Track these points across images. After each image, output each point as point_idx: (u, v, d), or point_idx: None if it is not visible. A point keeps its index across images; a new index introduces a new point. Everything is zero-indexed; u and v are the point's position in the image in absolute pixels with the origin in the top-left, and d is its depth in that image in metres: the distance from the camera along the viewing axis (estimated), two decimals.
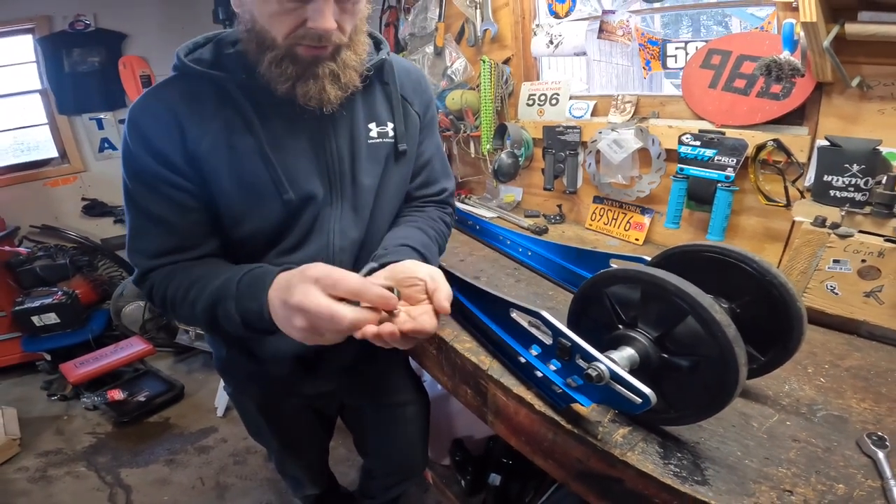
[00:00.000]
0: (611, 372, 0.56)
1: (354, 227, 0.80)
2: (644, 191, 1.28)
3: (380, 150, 0.80)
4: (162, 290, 0.73)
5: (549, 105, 1.52)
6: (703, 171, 1.15)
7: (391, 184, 0.84)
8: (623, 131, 1.29)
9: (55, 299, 2.39)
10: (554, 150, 1.45)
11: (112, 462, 1.99)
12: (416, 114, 0.86)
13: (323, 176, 0.76)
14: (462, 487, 1.54)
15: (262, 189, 0.73)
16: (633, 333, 0.61)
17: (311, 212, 0.76)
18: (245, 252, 0.79)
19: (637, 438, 0.65)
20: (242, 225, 0.76)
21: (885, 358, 0.80)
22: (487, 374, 0.80)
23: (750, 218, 1.16)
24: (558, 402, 0.69)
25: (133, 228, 0.75)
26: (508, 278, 1.11)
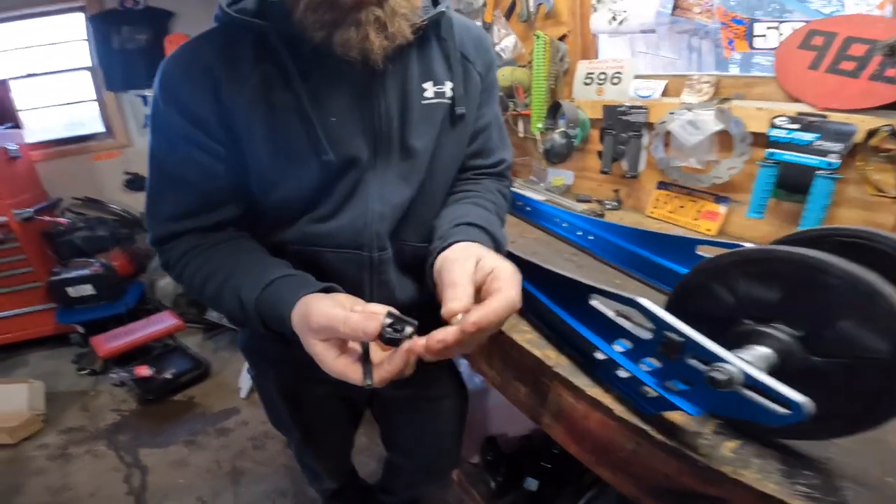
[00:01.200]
0: (745, 375, 0.42)
1: (398, 194, 0.69)
2: (721, 177, 1.12)
3: (435, 112, 0.69)
4: (178, 272, 0.67)
5: (611, 84, 1.37)
6: (798, 157, 0.98)
7: (446, 150, 0.72)
8: (701, 112, 1.12)
9: (92, 271, 2.36)
10: (615, 130, 1.30)
11: (132, 441, 1.94)
12: (478, 74, 0.74)
13: (368, 137, 0.65)
14: (490, 489, 1.41)
15: (299, 150, 0.63)
16: (768, 329, 0.46)
17: (352, 176, 0.66)
18: (275, 219, 0.69)
19: (750, 453, 0.51)
20: (276, 190, 0.66)
21: None
22: (553, 371, 0.66)
23: (850, 210, 0.99)
24: (647, 408, 0.55)
25: (153, 192, 0.67)
26: (566, 264, 0.97)
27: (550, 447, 1.32)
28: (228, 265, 0.64)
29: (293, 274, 0.62)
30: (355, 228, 0.67)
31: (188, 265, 0.66)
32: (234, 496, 1.67)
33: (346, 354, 0.52)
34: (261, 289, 0.59)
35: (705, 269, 0.52)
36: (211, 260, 0.65)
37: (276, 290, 0.59)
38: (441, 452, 1.11)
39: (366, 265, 0.69)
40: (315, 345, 0.51)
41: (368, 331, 0.47)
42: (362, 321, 0.47)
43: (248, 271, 0.63)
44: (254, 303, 0.59)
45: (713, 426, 0.55)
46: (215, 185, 0.66)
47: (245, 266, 0.64)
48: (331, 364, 0.51)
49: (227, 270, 0.64)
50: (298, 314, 0.54)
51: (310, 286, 0.58)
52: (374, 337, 0.47)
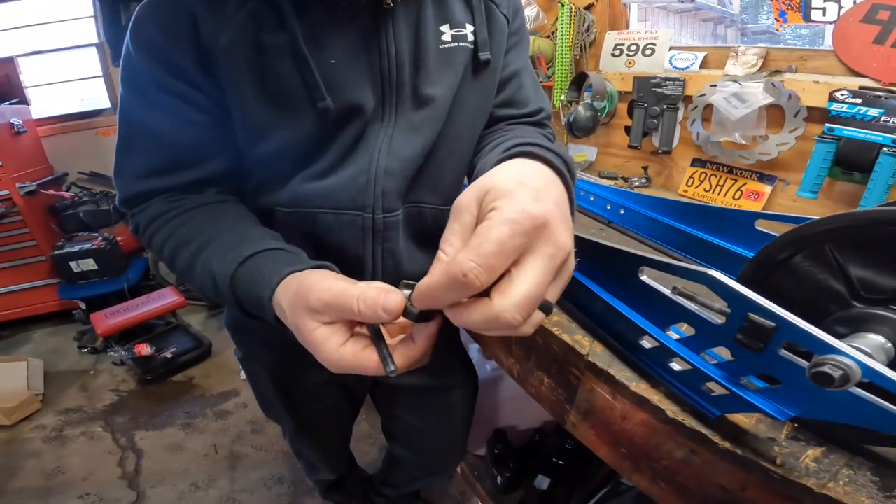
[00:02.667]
0: (867, 371, 0.31)
1: (409, 147, 0.58)
2: (769, 153, 1.00)
3: (455, 56, 0.58)
4: (148, 238, 0.57)
5: (642, 55, 1.24)
6: (861, 133, 0.86)
7: (470, 100, 0.61)
8: (748, 84, 1.00)
9: (94, 244, 2.28)
10: (646, 103, 1.18)
11: (129, 423, 1.86)
12: (504, 17, 0.63)
13: (375, 84, 0.55)
14: (497, 484, 1.30)
15: (291, 95, 0.53)
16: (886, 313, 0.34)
17: (355, 127, 0.56)
18: (264, 177, 0.60)
19: (838, 463, 0.41)
20: (266, 141, 0.56)
21: None
22: (587, 360, 0.55)
23: None
24: (710, 408, 0.44)
25: (121, 147, 0.57)
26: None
27: (563, 442, 1.22)
28: (204, 233, 0.53)
29: (280, 248, 0.50)
30: (357, 186, 0.57)
31: (158, 231, 0.56)
32: (230, 482, 1.59)
33: (354, 340, 0.39)
34: (237, 263, 0.48)
35: (793, 240, 0.41)
36: (184, 226, 0.55)
37: (256, 265, 0.48)
38: (447, 446, 1.01)
39: (368, 230, 0.58)
40: (314, 330, 0.39)
41: (389, 306, 0.34)
42: (381, 294, 0.35)
43: (225, 242, 0.52)
44: (228, 280, 0.48)
45: (788, 429, 0.44)
46: (192, 136, 0.56)
47: (223, 235, 0.53)
48: (336, 354, 0.38)
49: (201, 240, 0.53)
50: (290, 293, 0.42)
51: (299, 263, 0.46)
52: (397, 314, 0.35)
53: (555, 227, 0.32)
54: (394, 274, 0.62)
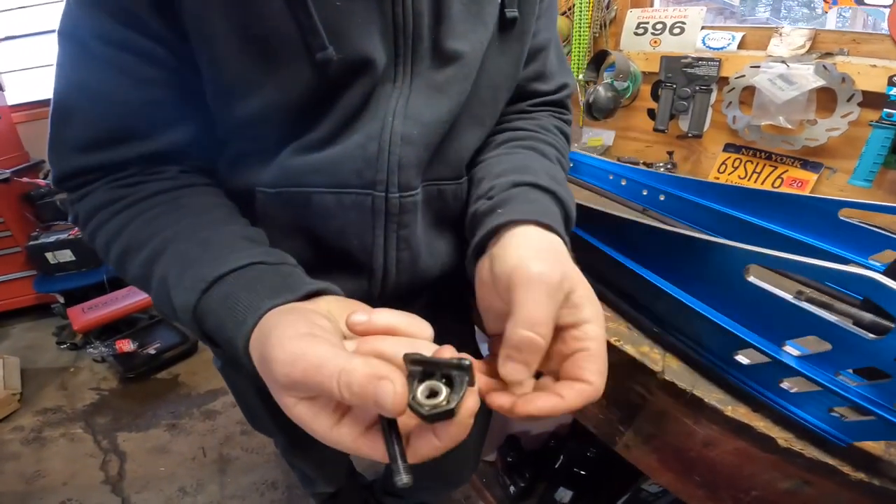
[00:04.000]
0: None
1: (432, 110, 0.46)
2: (817, 139, 0.91)
3: (484, 7, 0.47)
4: (90, 233, 0.45)
5: (669, 34, 1.15)
6: None
7: (496, 62, 0.50)
8: (797, 66, 0.91)
9: (72, 234, 2.12)
10: (676, 84, 1.08)
11: (111, 424, 1.73)
12: None
13: (387, 36, 0.43)
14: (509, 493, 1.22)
15: (281, 42, 0.40)
16: None
17: (362, 85, 0.43)
18: (246, 145, 0.47)
19: None
20: (245, 101, 0.43)
21: None
22: (662, 378, 0.45)
23: None
24: (840, 436, 0.35)
25: (57, 114, 0.43)
26: None
27: (584, 449, 1.13)
28: (158, 235, 0.41)
29: (257, 261, 0.38)
30: (365, 157, 0.44)
31: (102, 226, 0.43)
32: (219, 487, 1.48)
33: (351, 419, 0.29)
34: (200, 291, 0.36)
35: None
36: (134, 222, 0.42)
37: (224, 296, 0.35)
38: (459, 459, 0.91)
39: (381, 213, 0.46)
40: (293, 407, 0.29)
41: (384, 401, 0.24)
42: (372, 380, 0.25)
43: (185, 253, 0.39)
44: (190, 314, 0.37)
45: None
46: (146, 98, 0.42)
47: (183, 241, 0.40)
48: (330, 436, 0.29)
49: (155, 244, 0.41)
50: (258, 347, 0.32)
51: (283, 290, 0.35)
52: (400, 410, 0.24)
53: None
54: (409, 271, 0.51)
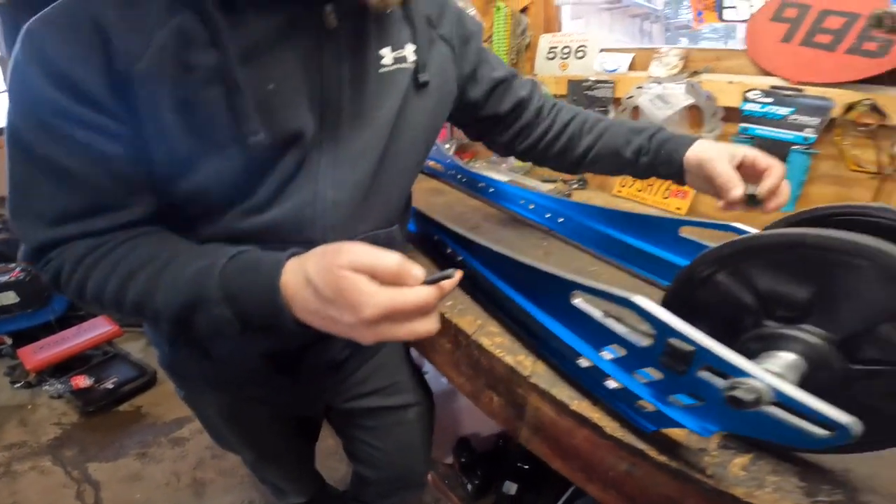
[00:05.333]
0: (777, 393, 0.32)
1: (355, 172, 0.55)
2: None
3: (396, 79, 0.57)
4: (80, 281, 0.49)
5: (575, 58, 1.27)
6: (773, 132, 0.91)
7: (413, 120, 0.60)
8: (670, 86, 1.04)
9: (13, 276, 2.08)
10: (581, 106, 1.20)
11: (79, 456, 1.73)
12: (446, 43, 0.63)
13: (314, 108, 0.51)
14: (467, 491, 1.32)
15: (219, 127, 0.47)
16: (796, 332, 0.36)
17: (294, 155, 0.51)
18: (192, 213, 0.53)
19: (764, 470, 0.43)
20: (188, 178, 0.49)
21: None
22: (529, 381, 0.56)
23: (826, 187, 0.93)
24: (644, 424, 0.46)
25: (21, 186, 0.48)
26: (535, 250, 0.86)
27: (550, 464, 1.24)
28: (163, 254, 0.48)
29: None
30: (301, 220, 0.53)
31: (93, 270, 0.48)
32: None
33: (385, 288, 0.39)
34: (228, 257, 0.45)
35: (714, 258, 0.42)
36: (130, 255, 0.48)
37: (249, 256, 0.46)
38: (410, 463, 1.00)
39: None
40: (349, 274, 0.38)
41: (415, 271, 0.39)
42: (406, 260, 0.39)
43: (196, 253, 0.48)
44: (217, 275, 0.44)
45: (718, 439, 0.47)
46: (110, 170, 0.48)
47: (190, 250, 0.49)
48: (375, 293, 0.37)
49: (162, 259, 0.47)
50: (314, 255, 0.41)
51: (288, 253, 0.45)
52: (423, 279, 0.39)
53: None
54: None
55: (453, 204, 1.10)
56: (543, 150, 0.79)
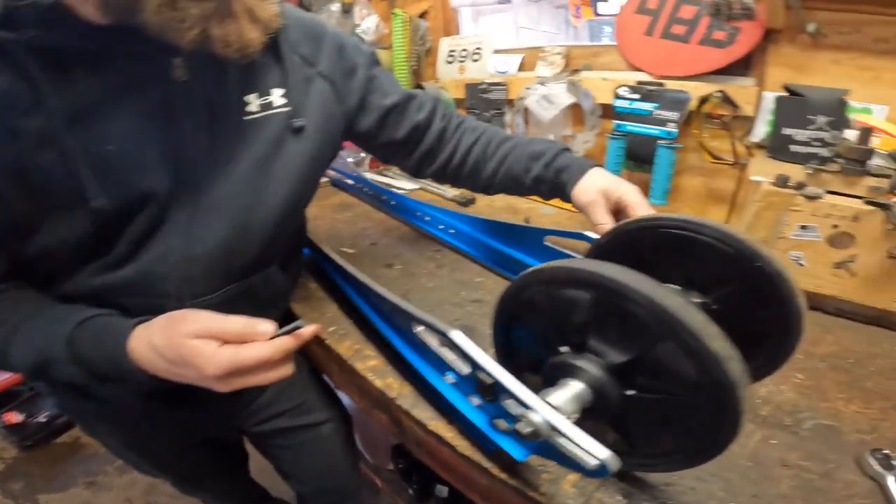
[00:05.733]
0: (550, 426, 0.35)
1: (214, 226, 0.53)
2: (579, 151, 1.08)
3: (264, 126, 0.54)
4: None
5: (471, 61, 1.27)
6: (642, 128, 0.95)
7: (288, 166, 0.57)
8: (553, 86, 1.06)
9: None
10: (478, 110, 1.21)
11: (27, 488, 1.66)
12: (325, 80, 0.60)
13: (167, 165, 0.49)
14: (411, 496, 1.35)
15: (58, 192, 0.45)
16: (580, 361, 0.39)
17: (147, 213, 0.49)
18: (47, 270, 0.52)
19: (593, 486, 0.46)
20: (35, 240, 0.48)
21: (858, 340, 0.64)
22: (395, 403, 0.57)
23: (693, 178, 0.99)
24: (485, 444, 0.49)
25: None
26: (428, 263, 0.88)
27: None
28: (13, 316, 0.49)
29: (106, 313, 0.50)
30: (154, 276, 0.52)
31: None
32: None
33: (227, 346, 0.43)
34: (75, 323, 0.47)
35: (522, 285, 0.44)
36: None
37: (99, 322, 0.48)
38: (335, 477, 1.01)
39: None
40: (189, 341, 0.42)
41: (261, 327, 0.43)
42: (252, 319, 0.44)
43: (48, 317, 0.49)
44: (64, 343, 0.46)
45: None
46: None
47: (42, 312, 0.50)
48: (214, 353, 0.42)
49: (13, 322, 0.49)
50: (158, 324, 0.45)
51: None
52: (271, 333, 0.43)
53: None
54: None
55: (358, 219, 1.09)
56: (453, 174, 0.75)
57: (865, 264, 0.62)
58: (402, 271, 0.85)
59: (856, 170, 0.60)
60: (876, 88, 0.74)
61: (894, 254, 0.59)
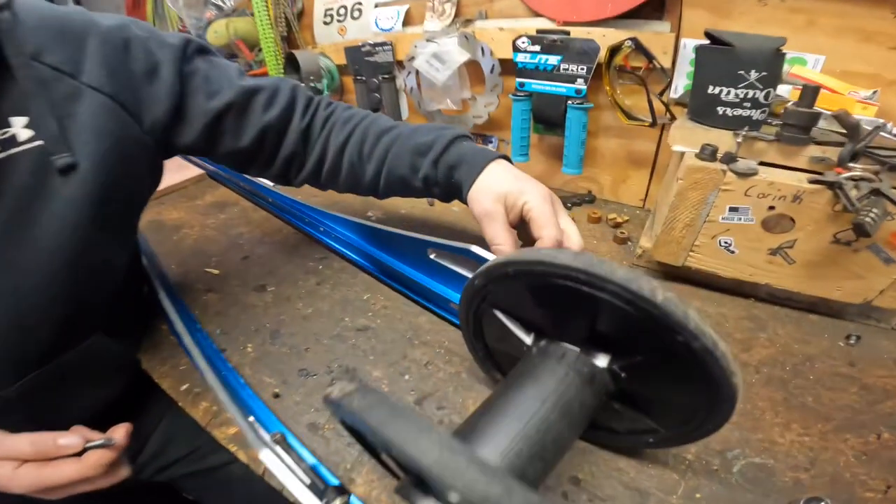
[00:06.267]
0: None
1: None
2: (481, 116, 0.89)
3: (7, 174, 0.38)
4: None
5: (351, 19, 1.03)
6: (548, 86, 0.77)
7: (57, 224, 0.40)
8: (444, 41, 0.85)
9: None
10: (364, 76, 0.99)
11: None
12: (99, 93, 0.41)
13: None
14: None
15: None
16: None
17: None
18: None
19: None
20: None
21: (795, 337, 0.53)
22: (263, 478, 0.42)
23: (609, 140, 0.83)
24: None
25: None
26: (308, 279, 0.69)
27: None
28: None
29: None
30: None
31: None
32: None
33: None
34: None
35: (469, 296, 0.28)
36: None
37: None
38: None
39: None
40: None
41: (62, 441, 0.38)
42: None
43: None
44: None
45: None
46: None
47: None
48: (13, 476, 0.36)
49: None
50: None
51: None
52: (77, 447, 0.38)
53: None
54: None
55: (233, 222, 0.88)
56: (330, 180, 0.58)
57: (805, 250, 0.50)
58: (275, 295, 0.67)
59: (798, 137, 0.45)
60: (811, 35, 0.58)
61: (840, 238, 0.47)
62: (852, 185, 0.42)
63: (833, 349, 0.51)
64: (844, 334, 0.52)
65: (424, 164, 0.50)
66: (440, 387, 0.51)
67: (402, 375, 0.52)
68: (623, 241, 0.73)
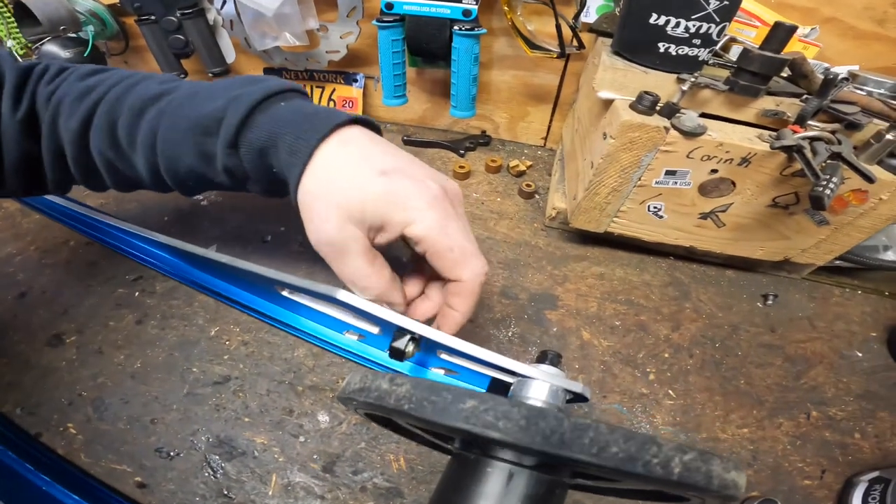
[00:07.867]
0: None
1: None
2: (339, 50, 0.63)
3: None
4: None
5: None
6: (425, 7, 0.54)
7: None
8: None
9: None
10: (154, 15, 0.61)
11: None
12: None
13: None
14: None
15: None
16: None
17: None
18: None
19: None
20: None
21: (717, 303, 0.46)
22: None
23: (504, 73, 0.65)
24: None
25: None
26: (122, 316, 0.44)
27: None
28: None
29: None
30: None
31: None
32: None
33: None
34: None
35: None
36: None
37: None
38: None
39: None
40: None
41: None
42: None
43: None
44: None
45: None
46: None
47: None
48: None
49: None
50: None
51: None
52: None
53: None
54: None
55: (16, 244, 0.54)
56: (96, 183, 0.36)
57: (738, 214, 0.41)
58: (79, 348, 0.41)
59: (755, 87, 0.33)
60: None
61: (779, 202, 0.39)
62: (810, 148, 0.33)
63: (754, 312, 0.46)
64: (761, 293, 0.47)
65: (217, 148, 0.28)
66: (348, 444, 0.35)
67: (295, 438, 0.36)
68: (530, 195, 0.60)
